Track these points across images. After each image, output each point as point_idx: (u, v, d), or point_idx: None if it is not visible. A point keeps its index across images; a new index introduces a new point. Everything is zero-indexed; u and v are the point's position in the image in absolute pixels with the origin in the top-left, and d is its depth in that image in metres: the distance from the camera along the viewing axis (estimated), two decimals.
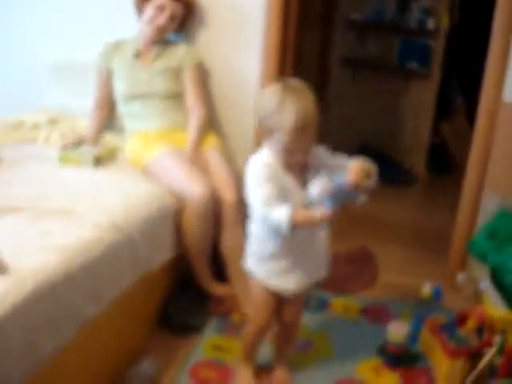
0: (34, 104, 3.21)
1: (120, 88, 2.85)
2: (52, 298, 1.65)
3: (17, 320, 1.50)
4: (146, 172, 2.61)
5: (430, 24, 4.75)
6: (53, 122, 3.05)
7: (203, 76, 2.94)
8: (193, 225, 2.46)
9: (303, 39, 4.08)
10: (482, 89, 2.79)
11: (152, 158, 2.61)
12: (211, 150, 2.74)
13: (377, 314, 2.73)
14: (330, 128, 5.29)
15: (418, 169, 5.10)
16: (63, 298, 1.69)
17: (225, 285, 2.66)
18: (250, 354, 2.20)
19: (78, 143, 2.73)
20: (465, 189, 2.95)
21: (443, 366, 2.25)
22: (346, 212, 1.85)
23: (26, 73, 3.39)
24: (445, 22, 4.77)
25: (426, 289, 2.58)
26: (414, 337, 2.48)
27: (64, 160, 2.58)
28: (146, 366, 2.13)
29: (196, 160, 2.61)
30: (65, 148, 2.67)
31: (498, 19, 2.68)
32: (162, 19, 2.78)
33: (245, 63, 2.99)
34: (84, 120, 3.00)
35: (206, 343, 2.44)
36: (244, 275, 2.57)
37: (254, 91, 2.97)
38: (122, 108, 2.87)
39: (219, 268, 2.66)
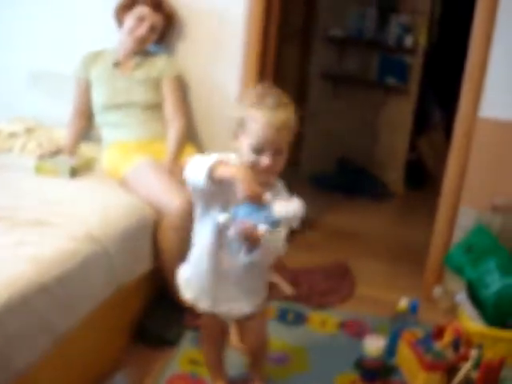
0: (11, 113, 3.18)
1: (99, 98, 2.83)
2: (25, 310, 1.61)
3: None
4: (124, 183, 2.58)
5: (409, 41, 4.82)
6: (29, 131, 3.02)
7: (182, 87, 2.93)
8: (170, 237, 2.43)
9: (283, 53, 4.11)
10: (459, 104, 2.83)
11: (130, 168, 2.59)
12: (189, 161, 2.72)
13: (354, 328, 2.73)
14: (308, 142, 5.32)
15: (395, 183, 5.14)
16: (37, 310, 1.65)
17: None
18: (215, 370, 2.17)
19: (55, 153, 2.70)
20: (441, 204, 2.98)
21: (420, 380, 2.25)
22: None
23: (2, 82, 3.35)
24: (423, 40, 4.84)
25: (403, 303, 2.58)
26: (390, 351, 2.48)
27: (40, 170, 2.55)
28: (121, 379, 2.10)
29: (174, 172, 2.59)
30: (42, 158, 2.64)
31: (475, 36, 2.72)
32: (142, 30, 2.78)
33: (224, 75, 2.99)
34: (61, 130, 2.98)
35: (182, 356, 2.41)
36: None
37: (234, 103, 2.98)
38: (100, 118, 2.85)
39: None
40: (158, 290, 2.63)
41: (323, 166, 5.20)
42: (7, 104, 3.25)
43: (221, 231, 1.72)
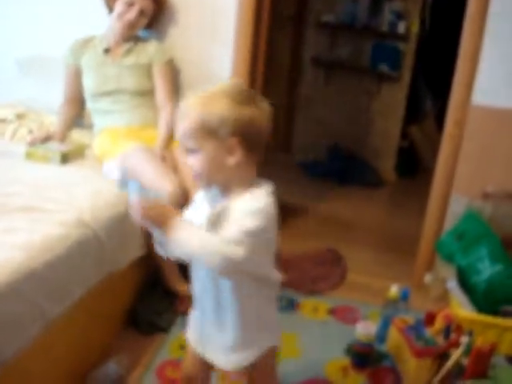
0: (1, 99, 3.15)
1: (89, 84, 2.81)
2: (15, 296, 1.60)
3: None
4: None
5: (401, 28, 4.81)
6: (20, 117, 3.00)
7: (173, 73, 2.92)
8: None
9: (275, 39, 4.09)
10: (451, 92, 2.82)
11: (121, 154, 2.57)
12: None
13: (345, 315, 2.74)
14: (300, 129, 5.31)
15: (387, 171, 5.15)
16: (27, 297, 1.64)
17: (186, 283, 2.63)
18: None
19: (46, 139, 2.69)
20: (433, 191, 2.98)
21: (410, 366, 2.26)
22: None
23: None
24: (415, 27, 4.83)
25: (394, 290, 2.59)
26: (381, 337, 2.49)
27: (31, 156, 2.53)
28: (112, 365, 2.10)
29: (165, 157, 2.59)
30: (32, 144, 2.62)
31: (468, 23, 2.71)
32: (132, 14, 2.76)
33: (216, 60, 2.97)
34: (51, 116, 2.96)
35: (173, 342, 2.41)
36: None
37: None
38: (91, 104, 2.83)
39: (186, 267, 2.63)
40: (150, 277, 2.62)
41: (315, 153, 5.20)
42: None
43: None
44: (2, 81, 3.26)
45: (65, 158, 2.55)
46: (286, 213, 3.92)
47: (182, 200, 2.43)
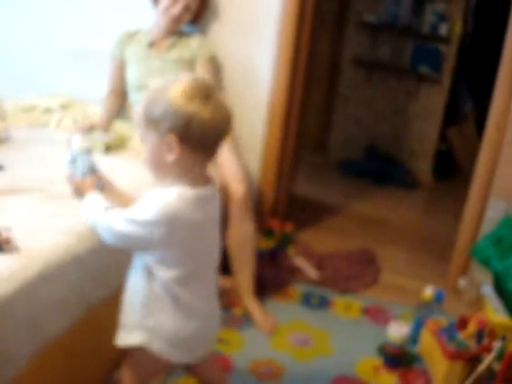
0: (47, 89, 3.22)
1: (132, 76, 2.86)
2: (60, 278, 1.66)
3: (25, 298, 1.52)
4: None
5: (443, 29, 4.76)
6: (65, 107, 3.07)
7: (216, 69, 2.94)
8: None
9: (315, 37, 4.09)
10: (493, 96, 2.80)
11: None
12: None
13: (377, 315, 2.75)
14: (338, 128, 5.31)
15: (424, 173, 5.11)
16: (70, 280, 1.70)
17: (227, 277, 2.67)
18: None
19: (90, 129, 2.75)
20: (471, 195, 2.97)
21: (441, 368, 2.26)
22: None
23: (39, 59, 3.40)
24: (457, 29, 4.78)
25: (428, 291, 2.58)
26: (413, 338, 2.50)
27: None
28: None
29: None
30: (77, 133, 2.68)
31: None
32: (177, 9, 2.78)
33: (258, 58, 2.99)
34: (95, 106, 3.02)
35: None
36: (247, 269, 2.60)
37: (266, 87, 2.99)
38: (134, 96, 2.88)
39: (222, 261, 2.67)
40: None
41: (352, 152, 5.19)
42: (43, 80, 3.30)
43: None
44: (48, 71, 3.34)
45: (108, 148, 2.61)
46: (321, 211, 3.95)
47: (221, 197, 2.46)
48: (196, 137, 1.35)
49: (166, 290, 1.48)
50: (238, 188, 2.52)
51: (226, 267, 2.66)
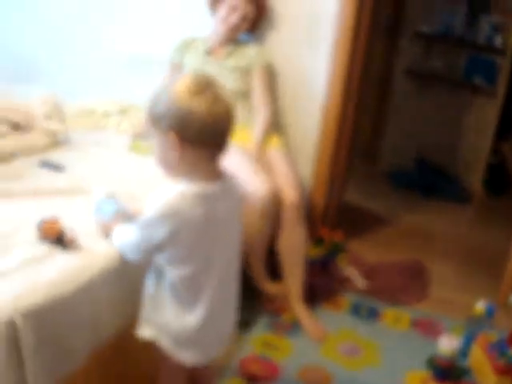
0: (106, 93, 3.31)
1: None
2: (118, 279, 1.70)
3: (87, 297, 1.57)
4: None
5: (498, 41, 4.69)
6: (123, 111, 3.14)
7: (271, 77, 2.97)
8: (253, 222, 2.49)
9: (369, 48, 4.09)
10: None
11: None
12: (275, 150, 2.77)
13: (427, 328, 2.72)
14: (388, 138, 5.28)
15: (475, 187, 5.02)
16: (130, 280, 1.74)
17: (277, 283, 2.69)
18: None
19: (148, 134, 2.80)
20: None
21: (491, 383, 2.23)
22: None
23: (99, 64, 3.49)
24: None
25: (480, 306, 2.55)
26: (464, 352, 2.47)
27: (135, 148, 2.65)
28: None
29: (260, 160, 2.65)
30: (135, 137, 2.75)
31: None
32: (235, 18, 2.83)
33: (313, 67, 3.01)
34: None
35: (256, 339, 2.47)
36: (297, 275, 2.61)
37: (321, 95, 3.00)
38: None
39: (273, 266, 2.69)
40: None
41: (402, 163, 5.14)
42: (103, 85, 3.39)
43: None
44: (108, 76, 3.42)
45: None
46: (369, 221, 3.94)
47: (274, 201, 2.49)
48: (193, 133, 1.35)
49: (172, 289, 1.49)
50: (290, 194, 2.54)
51: (276, 273, 2.68)
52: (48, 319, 1.42)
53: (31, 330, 1.36)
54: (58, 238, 1.60)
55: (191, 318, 1.52)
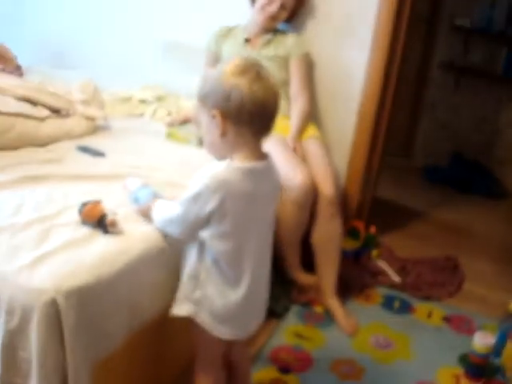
0: (143, 81, 3.33)
1: None
2: (158, 262, 1.72)
3: (127, 279, 1.59)
4: None
5: None
6: (160, 99, 3.16)
7: (309, 67, 2.96)
8: (289, 212, 2.49)
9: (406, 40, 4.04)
10: None
11: None
12: (311, 140, 2.76)
13: (460, 324, 2.69)
14: (424, 133, 5.22)
15: (511, 182, 4.94)
16: (168, 264, 1.75)
17: (310, 275, 2.68)
18: None
19: (184, 122, 2.82)
20: None
21: None
22: None
23: (136, 51, 3.52)
24: None
25: None
26: (497, 350, 2.43)
27: (171, 136, 2.67)
28: None
29: (297, 149, 2.64)
30: (171, 125, 2.77)
31: None
32: (273, 7, 2.81)
33: (352, 57, 2.97)
34: (189, 100, 3.09)
35: (287, 329, 2.48)
36: (331, 268, 2.60)
37: (358, 86, 2.97)
38: None
39: (306, 257, 2.69)
40: None
41: (437, 158, 5.08)
42: (140, 72, 3.41)
43: None
44: (145, 63, 3.45)
45: (201, 142, 2.67)
46: (403, 216, 3.91)
47: (311, 191, 2.48)
48: (235, 110, 1.38)
49: (215, 264, 1.53)
50: (327, 186, 2.52)
51: (310, 264, 2.68)
52: (89, 300, 1.44)
53: (72, 311, 1.38)
54: (99, 221, 1.62)
55: (234, 293, 1.55)
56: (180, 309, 1.61)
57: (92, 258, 1.52)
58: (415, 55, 4.94)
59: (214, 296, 1.55)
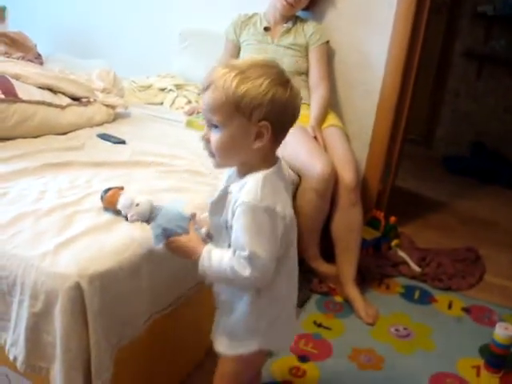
0: (162, 69, 3.33)
1: None
2: None
3: (147, 264, 1.59)
4: None
5: None
6: (179, 87, 3.16)
7: (329, 55, 2.94)
8: (310, 200, 2.48)
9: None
10: None
11: None
12: (332, 129, 2.74)
13: (480, 315, 2.67)
14: (445, 123, 5.17)
15: None
16: None
17: (330, 264, 2.67)
18: None
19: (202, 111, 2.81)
20: None
21: None
22: None
23: (155, 40, 3.52)
24: None
25: None
26: None
27: (191, 124, 2.67)
28: None
29: (317, 137, 2.63)
30: (190, 113, 2.77)
31: None
32: None
33: (372, 46, 2.95)
34: None
35: (307, 318, 2.47)
36: (351, 257, 2.59)
37: (379, 75, 2.94)
38: None
39: (325, 246, 2.68)
40: None
41: (458, 148, 5.03)
42: (159, 61, 3.41)
43: None
44: (164, 52, 3.45)
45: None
46: (423, 206, 3.88)
47: (332, 180, 2.46)
48: (284, 123, 1.32)
49: (278, 281, 1.38)
50: (348, 174, 2.50)
51: (328, 253, 2.67)
52: (111, 285, 1.45)
53: (96, 295, 1.39)
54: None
55: (291, 301, 1.50)
56: (243, 347, 1.44)
57: (114, 243, 1.53)
58: (437, 43, 4.88)
59: (280, 315, 1.45)
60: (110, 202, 1.64)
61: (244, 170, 1.34)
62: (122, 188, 1.68)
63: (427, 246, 3.22)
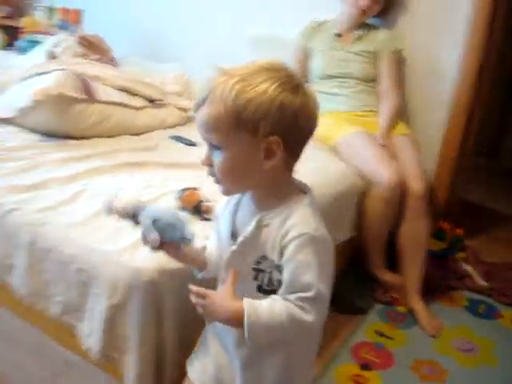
0: None
1: (317, 66, 2.92)
2: None
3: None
4: (335, 150, 2.66)
5: None
6: None
7: (400, 63, 2.92)
8: (377, 208, 2.47)
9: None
10: None
11: (343, 137, 2.65)
12: (401, 137, 2.73)
13: None
14: None
15: None
16: None
17: (394, 274, 2.66)
18: None
19: None
20: None
21: None
22: None
23: (223, 44, 3.57)
24: None
25: None
26: None
27: None
28: None
29: (386, 145, 2.62)
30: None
31: None
32: (365, 1, 2.78)
33: (445, 55, 2.91)
34: None
35: (369, 326, 2.46)
36: (416, 268, 2.56)
37: (451, 85, 2.90)
38: (316, 86, 2.92)
39: (389, 256, 2.66)
40: (351, 259, 2.68)
41: None
42: (228, 65, 3.45)
43: None
44: (234, 56, 3.48)
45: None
46: (491, 220, 3.79)
47: (399, 188, 2.45)
48: (297, 137, 1.09)
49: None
50: (416, 184, 2.48)
51: (392, 262, 2.65)
52: (187, 283, 1.47)
53: (172, 291, 1.43)
54: (196, 207, 1.67)
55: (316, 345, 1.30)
56: None
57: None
58: (508, 51, 4.76)
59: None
60: (187, 201, 1.69)
61: (268, 199, 1.13)
62: (196, 188, 1.72)
63: (493, 260, 3.15)
